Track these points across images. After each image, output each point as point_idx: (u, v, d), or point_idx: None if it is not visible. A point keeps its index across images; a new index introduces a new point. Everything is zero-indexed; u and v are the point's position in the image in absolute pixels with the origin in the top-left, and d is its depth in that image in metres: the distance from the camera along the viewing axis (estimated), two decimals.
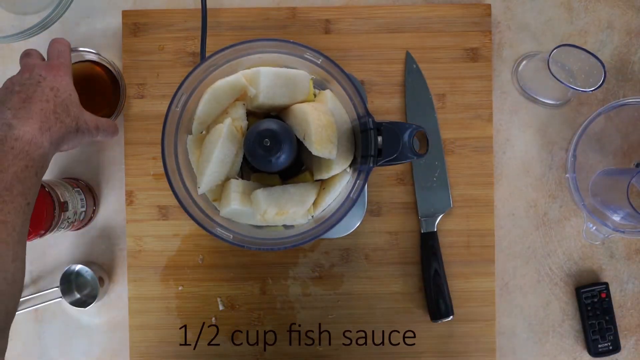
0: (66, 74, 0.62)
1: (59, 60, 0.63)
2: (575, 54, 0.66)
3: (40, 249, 0.73)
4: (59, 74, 0.61)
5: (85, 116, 0.62)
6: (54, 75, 0.60)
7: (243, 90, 0.59)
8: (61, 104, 0.59)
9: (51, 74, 0.60)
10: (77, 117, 0.60)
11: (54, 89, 0.59)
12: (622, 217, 0.69)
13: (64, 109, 0.59)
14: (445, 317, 0.71)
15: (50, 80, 0.59)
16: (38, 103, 0.57)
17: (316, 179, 0.61)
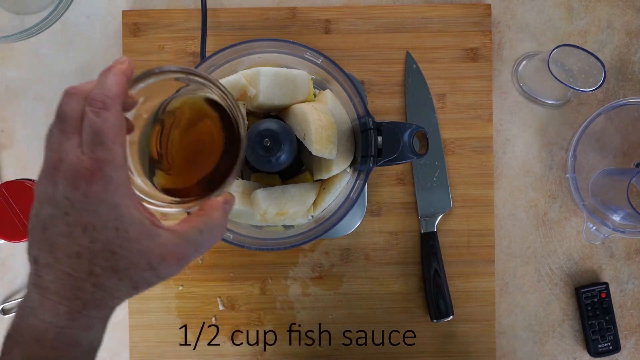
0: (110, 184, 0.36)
1: (95, 154, 0.36)
2: (575, 54, 0.66)
3: None
4: (95, 190, 0.35)
5: (156, 251, 0.37)
6: (85, 195, 0.35)
7: (243, 90, 0.59)
8: (101, 254, 0.36)
9: (80, 190, 0.35)
10: (135, 268, 0.36)
11: (87, 230, 0.35)
12: (622, 217, 0.69)
13: (107, 262, 0.36)
14: (445, 317, 0.71)
15: (79, 208, 0.35)
16: (66, 260, 0.35)
17: (316, 179, 0.61)
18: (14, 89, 0.74)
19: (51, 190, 0.36)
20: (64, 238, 0.36)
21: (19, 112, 0.73)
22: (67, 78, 0.74)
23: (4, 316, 0.72)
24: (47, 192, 0.36)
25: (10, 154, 0.74)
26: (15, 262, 0.73)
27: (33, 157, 0.73)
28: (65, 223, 0.35)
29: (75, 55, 0.74)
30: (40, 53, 0.74)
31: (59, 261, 0.36)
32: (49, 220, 0.36)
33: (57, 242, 0.36)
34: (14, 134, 0.73)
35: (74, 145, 0.36)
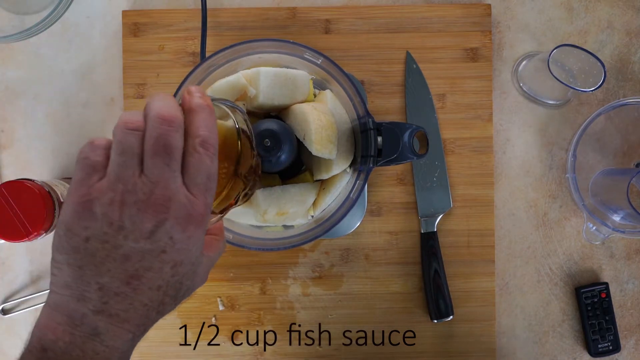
0: (205, 222, 0.38)
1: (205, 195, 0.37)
2: (575, 54, 0.66)
3: (40, 249, 0.73)
4: (197, 230, 0.37)
5: (200, 274, 0.41)
6: (189, 236, 0.37)
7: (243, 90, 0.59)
8: (174, 286, 0.39)
9: (187, 232, 0.36)
10: (187, 292, 0.41)
11: (175, 265, 0.37)
12: (622, 217, 0.69)
13: (176, 292, 0.39)
14: (445, 317, 0.71)
15: (178, 248, 0.37)
16: (147, 292, 0.37)
17: (316, 179, 0.61)
18: (14, 89, 0.74)
19: (151, 227, 0.36)
20: (152, 273, 0.37)
21: (19, 112, 0.74)
22: (67, 78, 0.74)
23: (4, 316, 0.72)
24: (145, 227, 0.35)
25: (10, 154, 0.74)
26: (15, 262, 0.73)
27: (33, 157, 0.73)
28: (159, 260, 0.36)
29: (75, 55, 0.74)
30: (40, 53, 0.74)
31: (139, 292, 0.37)
32: (139, 255, 0.36)
33: (142, 275, 0.36)
34: (14, 134, 0.74)
35: (180, 183, 0.36)
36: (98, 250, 0.36)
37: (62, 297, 0.36)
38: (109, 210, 0.35)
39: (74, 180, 0.37)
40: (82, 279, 0.36)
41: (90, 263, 0.36)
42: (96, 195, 0.36)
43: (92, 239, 0.36)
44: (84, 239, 0.36)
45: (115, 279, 0.36)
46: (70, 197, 0.36)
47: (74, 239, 0.36)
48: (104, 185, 0.36)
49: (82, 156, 0.37)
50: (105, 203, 0.35)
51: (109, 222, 0.35)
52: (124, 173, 0.35)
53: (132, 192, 0.35)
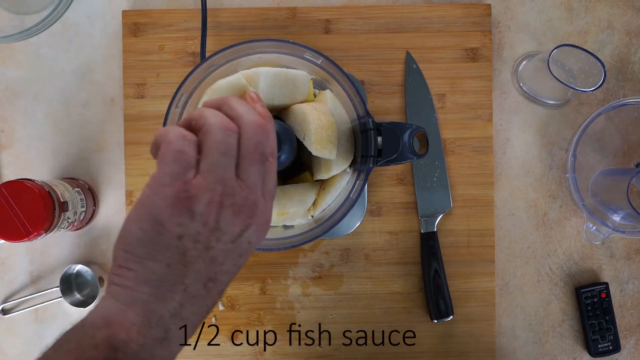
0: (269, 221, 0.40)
1: (270, 194, 0.39)
2: (575, 54, 0.66)
3: (40, 249, 0.73)
4: (264, 235, 0.39)
5: None
6: (259, 241, 0.39)
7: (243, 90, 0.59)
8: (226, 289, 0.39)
9: (261, 238, 0.39)
10: None
11: (239, 269, 0.38)
12: (622, 217, 0.69)
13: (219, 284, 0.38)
14: (445, 317, 0.71)
15: (249, 252, 0.39)
16: (215, 296, 0.37)
17: (316, 179, 0.61)
18: (14, 89, 0.74)
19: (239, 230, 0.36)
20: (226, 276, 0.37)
21: (19, 112, 0.74)
22: (67, 78, 0.74)
23: (4, 316, 0.72)
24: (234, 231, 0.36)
25: (10, 154, 0.74)
26: (15, 262, 0.73)
27: (33, 157, 0.73)
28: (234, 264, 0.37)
29: (75, 55, 0.74)
30: (40, 53, 0.74)
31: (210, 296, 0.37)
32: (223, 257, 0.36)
33: (218, 278, 0.37)
34: (14, 134, 0.74)
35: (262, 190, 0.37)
36: (189, 250, 0.35)
37: (141, 294, 0.35)
38: (207, 210, 0.35)
39: (167, 172, 0.35)
40: (168, 278, 0.35)
41: (179, 262, 0.35)
42: (194, 193, 0.35)
43: (185, 237, 0.35)
44: (177, 236, 0.35)
45: (198, 280, 0.35)
46: (163, 188, 0.35)
47: (165, 234, 0.35)
48: (201, 184, 0.35)
49: (174, 147, 0.35)
50: (204, 202, 0.35)
51: (204, 222, 0.35)
52: (224, 175, 0.35)
53: (230, 195, 0.35)
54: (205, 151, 0.36)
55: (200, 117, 0.37)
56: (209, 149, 0.36)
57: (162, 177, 0.35)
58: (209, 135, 0.36)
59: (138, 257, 0.35)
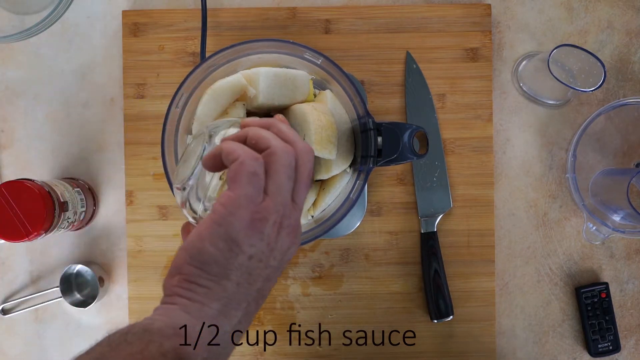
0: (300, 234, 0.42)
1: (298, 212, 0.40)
2: (575, 54, 0.66)
3: (40, 249, 0.73)
4: (298, 240, 0.41)
5: None
6: (296, 247, 0.41)
7: (243, 90, 0.59)
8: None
9: (294, 245, 0.40)
10: None
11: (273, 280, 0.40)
12: (622, 217, 0.69)
13: None
14: (445, 317, 0.71)
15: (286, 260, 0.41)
16: (257, 310, 0.40)
17: (316, 179, 0.61)
18: (14, 89, 0.74)
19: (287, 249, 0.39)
20: (268, 292, 0.39)
21: (19, 112, 0.74)
22: (67, 78, 0.74)
23: (4, 316, 0.72)
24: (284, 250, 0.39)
25: (10, 154, 0.74)
26: (15, 262, 0.73)
27: (33, 157, 0.73)
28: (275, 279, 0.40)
29: (75, 55, 0.74)
30: (40, 53, 0.74)
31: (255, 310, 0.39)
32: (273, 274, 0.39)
33: (265, 294, 0.39)
34: (14, 134, 0.74)
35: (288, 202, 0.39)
36: (255, 269, 0.37)
37: (211, 310, 0.37)
38: (272, 231, 0.37)
39: (243, 193, 0.37)
40: (236, 297, 0.37)
41: (246, 281, 0.37)
42: (266, 215, 0.37)
43: (255, 257, 0.37)
44: (248, 257, 0.37)
45: (253, 298, 0.38)
46: (240, 210, 0.37)
47: (240, 255, 0.37)
48: (270, 206, 0.37)
49: (249, 169, 0.37)
50: (272, 224, 0.37)
51: (268, 242, 0.37)
52: (286, 198, 0.38)
53: (287, 217, 0.38)
54: (272, 173, 0.37)
55: (261, 138, 0.38)
56: (276, 172, 0.37)
57: (239, 198, 0.37)
58: (276, 158, 0.38)
59: (212, 275, 0.37)
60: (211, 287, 0.37)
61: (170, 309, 0.38)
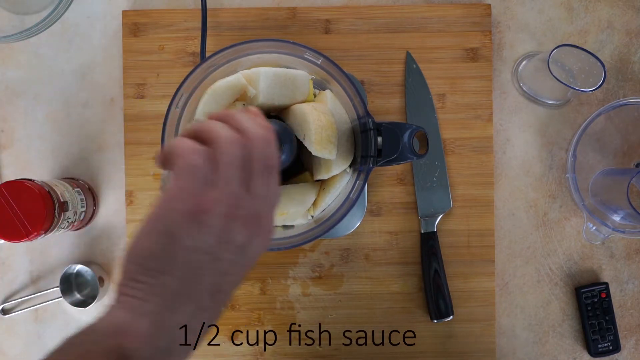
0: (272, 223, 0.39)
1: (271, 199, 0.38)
2: (575, 54, 0.66)
3: (40, 249, 0.73)
4: (268, 229, 0.39)
5: None
6: (263, 252, 0.38)
7: (243, 90, 0.59)
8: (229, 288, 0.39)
9: (264, 249, 0.38)
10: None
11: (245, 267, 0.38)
12: (622, 217, 0.69)
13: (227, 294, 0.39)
14: (445, 317, 0.71)
15: (254, 262, 0.38)
16: (220, 306, 0.38)
17: (316, 179, 0.61)
18: (14, 89, 0.74)
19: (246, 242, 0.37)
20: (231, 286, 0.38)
21: (19, 112, 0.74)
22: (67, 78, 0.74)
23: (4, 316, 0.72)
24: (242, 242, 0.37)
25: (10, 154, 0.74)
26: (15, 262, 0.73)
27: (33, 157, 0.73)
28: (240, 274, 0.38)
29: (75, 55, 0.74)
30: (40, 53, 0.74)
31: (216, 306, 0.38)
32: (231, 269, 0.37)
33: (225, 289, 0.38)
34: (14, 134, 0.74)
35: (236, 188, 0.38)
36: (200, 263, 0.36)
37: (153, 306, 0.36)
38: (219, 223, 0.36)
39: (183, 186, 0.36)
40: (179, 291, 0.36)
41: (191, 275, 0.35)
42: (209, 207, 0.35)
43: (198, 250, 0.35)
44: (190, 250, 0.35)
45: (207, 292, 0.36)
46: (179, 203, 0.36)
47: (179, 248, 0.35)
48: (217, 198, 0.36)
49: (189, 162, 0.36)
50: (217, 215, 0.35)
51: (216, 234, 0.36)
52: (238, 188, 0.36)
53: (240, 207, 0.36)
54: (217, 164, 0.36)
55: (209, 130, 0.37)
56: (222, 163, 0.36)
57: (178, 192, 0.36)
58: (219, 148, 0.36)
59: (151, 270, 0.36)
60: (151, 283, 0.35)
61: (114, 308, 0.37)
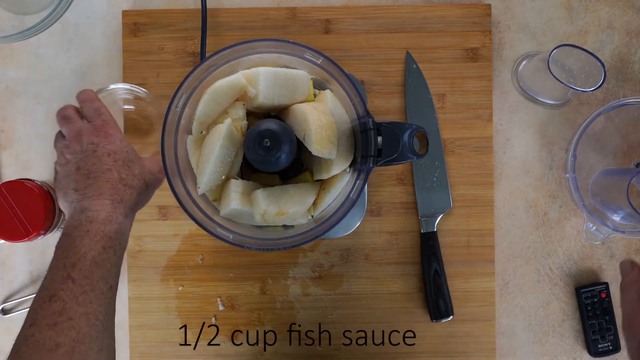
0: (114, 130, 0.57)
1: (100, 119, 0.58)
2: (575, 54, 0.66)
3: (40, 249, 0.73)
4: (108, 133, 0.56)
5: (147, 165, 0.59)
6: (104, 137, 0.56)
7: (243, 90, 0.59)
8: (123, 167, 0.56)
9: (100, 137, 0.56)
10: (142, 173, 0.57)
11: (111, 154, 0.55)
12: (622, 217, 0.69)
13: (127, 170, 0.56)
14: (445, 317, 0.71)
15: (103, 145, 0.55)
16: (102, 176, 0.54)
17: (316, 179, 0.61)
18: (14, 89, 0.74)
19: (78, 147, 0.56)
20: (95, 166, 0.55)
21: (19, 112, 0.74)
22: (67, 78, 0.74)
23: (4, 316, 0.72)
24: (75, 148, 0.56)
25: (10, 154, 0.74)
26: (15, 262, 0.73)
27: (33, 157, 0.73)
28: (95, 157, 0.55)
29: (75, 55, 0.74)
30: (40, 53, 0.74)
31: (98, 179, 0.54)
32: (81, 161, 0.55)
33: (91, 168, 0.54)
34: (14, 134, 0.74)
35: (82, 122, 0.59)
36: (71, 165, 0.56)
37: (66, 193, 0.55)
38: (74, 139, 0.56)
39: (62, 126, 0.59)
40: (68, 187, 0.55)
41: (66, 176, 0.56)
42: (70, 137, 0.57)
43: (72, 161, 0.56)
44: (66, 161, 0.56)
45: (80, 180, 0.55)
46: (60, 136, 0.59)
47: (65, 165, 0.56)
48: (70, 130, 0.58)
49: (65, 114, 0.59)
50: (74, 136, 0.57)
51: (79, 146, 0.56)
52: (80, 123, 0.58)
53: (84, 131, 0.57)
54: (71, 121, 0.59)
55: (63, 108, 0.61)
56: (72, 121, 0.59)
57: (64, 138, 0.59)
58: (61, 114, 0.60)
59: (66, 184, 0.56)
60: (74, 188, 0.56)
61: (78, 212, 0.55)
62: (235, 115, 0.60)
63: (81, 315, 0.48)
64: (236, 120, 0.60)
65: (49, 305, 0.48)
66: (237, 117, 0.60)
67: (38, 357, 0.46)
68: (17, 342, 0.47)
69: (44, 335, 0.46)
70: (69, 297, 0.48)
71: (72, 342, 0.47)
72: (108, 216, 0.53)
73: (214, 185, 0.59)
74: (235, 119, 0.60)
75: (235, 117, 0.60)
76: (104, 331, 0.50)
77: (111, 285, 0.52)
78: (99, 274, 0.50)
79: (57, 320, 0.47)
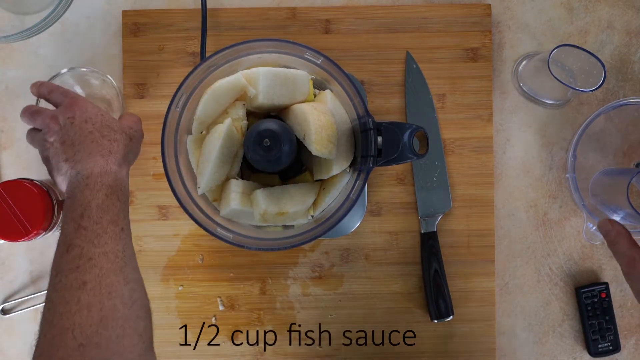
0: (85, 102, 0.61)
1: (69, 98, 0.62)
2: (575, 54, 0.66)
3: (40, 249, 0.73)
4: (80, 105, 0.60)
5: (124, 123, 0.62)
6: (78, 109, 0.59)
7: (243, 90, 0.59)
8: (103, 127, 0.59)
9: (74, 110, 0.59)
10: (121, 128, 0.60)
11: (88, 121, 0.58)
12: (622, 217, 0.69)
13: (108, 129, 0.59)
14: (445, 317, 0.71)
15: (79, 115, 0.59)
16: (86, 139, 0.57)
17: (316, 179, 0.61)
18: (14, 89, 0.74)
19: (57, 127, 0.58)
20: (77, 135, 0.57)
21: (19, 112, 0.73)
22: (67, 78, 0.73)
23: (4, 316, 0.72)
24: (54, 129, 0.59)
25: (10, 154, 0.74)
26: (15, 262, 0.73)
27: (33, 157, 0.73)
28: (74, 126, 0.58)
29: (75, 55, 0.74)
30: (40, 53, 0.74)
31: (82, 142, 0.57)
32: (63, 135, 0.58)
33: (74, 137, 0.57)
34: (14, 134, 0.74)
35: (53, 109, 0.62)
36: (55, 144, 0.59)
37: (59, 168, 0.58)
38: (51, 122, 0.59)
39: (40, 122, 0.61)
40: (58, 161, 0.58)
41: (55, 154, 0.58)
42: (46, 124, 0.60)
43: (55, 140, 0.59)
44: (50, 144, 0.59)
45: (67, 148, 0.57)
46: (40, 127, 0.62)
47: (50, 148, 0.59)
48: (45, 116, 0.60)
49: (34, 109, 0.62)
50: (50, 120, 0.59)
51: (57, 124, 0.59)
52: (50, 110, 0.61)
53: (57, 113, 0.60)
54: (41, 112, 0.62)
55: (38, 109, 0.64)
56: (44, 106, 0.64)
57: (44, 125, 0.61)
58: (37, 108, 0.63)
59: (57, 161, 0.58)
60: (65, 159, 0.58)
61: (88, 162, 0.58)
62: (235, 115, 0.60)
63: (100, 255, 0.51)
64: (236, 120, 0.60)
65: (67, 254, 0.51)
66: (237, 117, 0.60)
67: (69, 295, 0.49)
68: (47, 294, 0.51)
69: (70, 278, 0.50)
70: (85, 242, 0.51)
71: (97, 278, 0.50)
72: (102, 169, 0.56)
73: (214, 185, 0.59)
74: (235, 119, 0.60)
75: (235, 117, 0.60)
76: (125, 266, 0.53)
77: (122, 228, 0.55)
78: (107, 218, 0.53)
79: (79, 264, 0.50)
